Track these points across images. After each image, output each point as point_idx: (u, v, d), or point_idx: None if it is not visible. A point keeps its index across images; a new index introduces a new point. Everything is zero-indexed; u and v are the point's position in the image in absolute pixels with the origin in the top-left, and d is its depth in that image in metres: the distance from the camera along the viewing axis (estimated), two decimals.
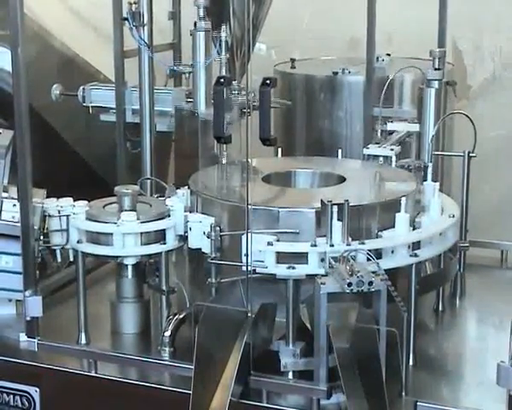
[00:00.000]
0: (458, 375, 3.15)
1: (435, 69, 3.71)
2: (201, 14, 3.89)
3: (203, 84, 3.89)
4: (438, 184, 3.36)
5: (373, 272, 2.77)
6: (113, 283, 3.47)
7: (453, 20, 4.50)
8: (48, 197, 3.42)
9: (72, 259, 3.36)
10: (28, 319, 3.26)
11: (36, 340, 3.26)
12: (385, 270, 2.83)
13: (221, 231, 3.09)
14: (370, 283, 2.72)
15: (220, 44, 3.73)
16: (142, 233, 3.18)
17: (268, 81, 3.35)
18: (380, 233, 3.07)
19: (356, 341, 2.78)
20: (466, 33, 5.23)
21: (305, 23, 5.51)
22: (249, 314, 2.91)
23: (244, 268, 2.92)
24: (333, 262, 2.87)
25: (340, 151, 3.72)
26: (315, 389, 2.84)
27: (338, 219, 2.92)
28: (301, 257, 2.94)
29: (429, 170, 3.46)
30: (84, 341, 3.27)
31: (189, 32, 3.99)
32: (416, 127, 3.78)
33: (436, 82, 3.70)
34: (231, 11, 3.92)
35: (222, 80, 3.43)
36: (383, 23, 4.32)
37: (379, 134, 3.95)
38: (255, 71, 3.04)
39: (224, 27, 3.72)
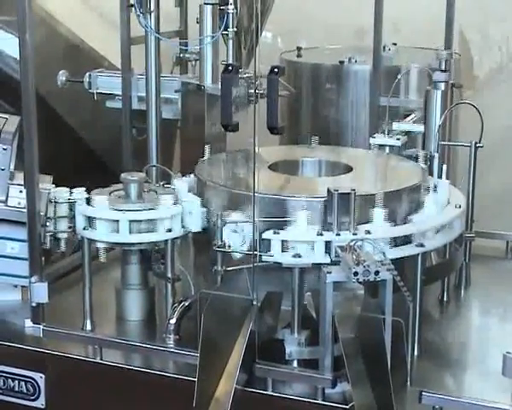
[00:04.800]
0: (463, 365, 3.15)
1: (442, 71, 3.69)
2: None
3: (210, 58, 3.89)
4: (444, 174, 3.35)
5: (379, 262, 2.77)
6: (118, 269, 3.47)
7: (460, 10, 4.48)
8: (53, 183, 3.42)
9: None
10: (34, 305, 3.26)
11: (41, 326, 3.26)
12: (391, 259, 2.83)
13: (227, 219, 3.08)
14: (377, 272, 2.72)
15: (227, 17, 3.72)
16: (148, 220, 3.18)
17: (276, 69, 3.34)
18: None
19: (361, 330, 2.79)
20: (473, 23, 5.22)
21: (311, 11, 5.50)
22: (255, 302, 2.91)
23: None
24: (339, 251, 2.87)
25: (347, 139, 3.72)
26: (320, 377, 2.84)
27: (344, 209, 2.92)
28: (307, 246, 2.94)
29: (436, 159, 3.45)
30: (89, 327, 3.27)
31: (195, 19, 3.99)
32: (421, 128, 3.76)
33: (442, 84, 3.68)
34: None
35: (230, 68, 3.43)
36: (390, 12, 4.31)
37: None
38: (261, 59, 3.04)
39: (231, 1, 3.71)
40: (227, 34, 3.80)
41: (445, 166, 3.35)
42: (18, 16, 3.10)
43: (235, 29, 3.72)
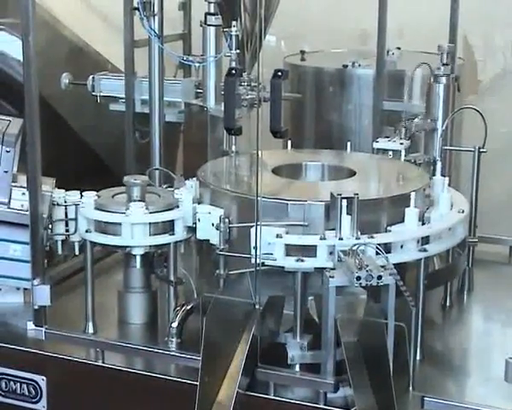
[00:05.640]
0: (465, 370, 3.15)
1: (443, 64, 3.70)
2: (212, 9, 3.89)
3: (213, 80, 3.89)
4: (447, 179, 3.36)
5: (382, 267, 2.78)
6: (120, 273, 3.48)
7: (464, 15, 4.48)
8: (56, 186, 3.43)
9: (77, 252, 3.38)
10: (36, 307, 3.27)
11: (43, 329, 3.27)
12: (394, 264, 2.84)
13: (230, 222, 3.09)
14: (379, 277, 2.72)
15: (231, 39, 3.73)
16: (150, 224, 3.19)
17: (279, 73, 3.35)
18: (389, 228, 3.06)
19: (364, 334, 2.79)
20: (477, 28, 5.22)
21: (315, 15, 5.50)
22: (257, 306, 2.92)
23: (253, 260, 2.92)
24: (342, 256, 2.88)
25: (349, 144, 3.72)
26: (322, 382, 2.85)
27: (347, 213, 2.92)
28: (310, 250, 2.94)
29: (438, 165, 3.45)
30: (91, 330, 3.28)
31: (199, 22, 3.99)
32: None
33: (444, 77, 3.68)
34: (242, 3, 3.92)
35: (233, 71, 3.43)
36: (394, 16, 4.31)
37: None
38: (265, 63, 3.04)
39: (234, 23, 3.72)
40: (230, 56, 3.80)
41: (446, 179, 3.35)
42: (21, 19, 3.11)
43: (238, 51, 3.73)
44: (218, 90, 3.88)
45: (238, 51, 3.71)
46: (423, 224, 3.15)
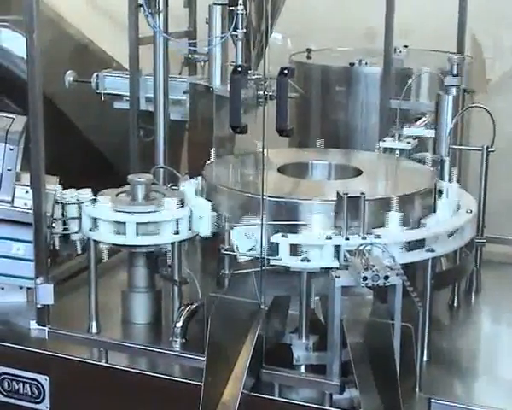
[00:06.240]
0: (473, 372, 3.14)
1: (453, 75, 3.68)
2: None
3: (219, 59, 3.90)
4: (454, 183, 3.35)
5: (388, 267, 2.78)
6: (124, 272, 3.49)
7: (473, 13, 4.48)
8: (60, 184, 3.43)
9: (79, 251, 3.38)
10: (39, 306, 3.27)
11: (46, 328, 3.28)
12: (401, 264, 2.83)
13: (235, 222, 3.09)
14: (386, 277, 2.72)
15: (237, 18, 3.73)
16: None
17: (285, 71, 3.35)
18: None
19: (370, 335, 2.79)
20: (485, 26, 5.21)
21: (322, 12, 5.50)
22: (262, 306, 2.92)
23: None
24: (348, 256, 2.88)
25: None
26: (327, 383, 2.84)
27: (353, 213, 2.92)
28: (316, 250, 2.94)
29: (446, 164, 3.45)
30: (94, 330, 3.28)
31: (204, 20, 4.00)
32: (432, 133, 3.75)
33: (454, 88, 3.67)
34: None
35: (239, 69, 3.43)
36: (402, 14, 4.31)
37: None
38: (270, 61, 3.05)
39: (241, 1, 3.72)
40: (236, 35, 3.81)
41: (455, 171, 3.34)
42: (25, 16, 3.12)
43: (245, 30, 3.73)
44: (223, 71, 3.89)
45: (245, 31, 3.72)
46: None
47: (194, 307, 3.19)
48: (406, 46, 4.56)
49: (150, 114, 4.11)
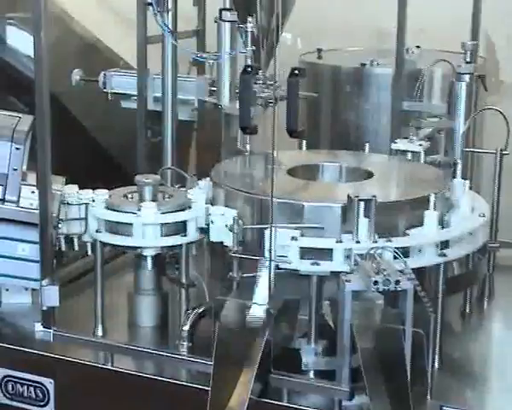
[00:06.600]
0: (485, 379, 3.13)
1: (466, 62, 3.68)
2: (227, 4, 3.88)
3: (228, 77, 3.88)
4: (468, 181, 3.34)
5: (400, 271, 2.77)
6: (130, 274, 3.48)
7: (487, 13, 4.46)
8: (66, 184, 3.43)
9: (89, 252, 3.38)
10: (44, 308, 3.27)
11: (51, 330, 3.28)
12: (412, 269, 2.82)
13: (244, 224, 3.08)
14: (397, 282, 2.71)
15: (246, 36, 3.72)
16: (162, 224, 3.18)
17: (296, 71, 3.34)
18: (407, 231, 3.05)
19: (381, 341, 2.78)
20: (500, 27, 5.19)
21: (332, 12, 5.49)
22: (271, 311, 2.91)
23: (267, 263, 2.91)
24: (358, 259, 2.87)
25: (367, 145, 3.72)
26: (337, 389, 2.84)
27: (365, 216, 2.91)
28: (326, 253, 2.94)
29: (459, 167, 3.44)
30: (100, 333, 3.28)
31: (213, 19, 3.99)
32: (448, 124, 3.73)
33: (467, 76, 3.66)
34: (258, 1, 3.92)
35: (249, 69, 3.42)
36: (414, 13, 4.29)
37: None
38: (280, 61, 3.03)
39: (250, 19, 3.70)
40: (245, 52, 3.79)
41: (467, 181, 3.33)
42: (33, 13, 3.11)
43: (254, 47, 3.70)
44: (232, 88, 3.87)
45: (254, 48, 3.70)
46: (443, 228, 3.13)
47: (201, 310, 3.18)
48: (419, 46, 4.54)
49: (158, 114, 4.11)
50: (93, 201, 3.30)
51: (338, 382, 2.83)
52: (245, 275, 3.08)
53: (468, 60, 3.68)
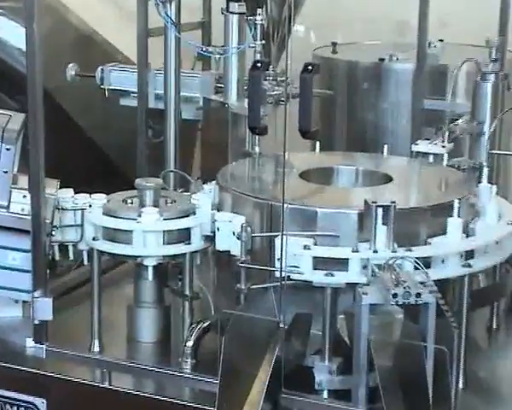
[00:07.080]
0: None
1: (492, 61, 3.68)
2: None
3: (235, 74, 3.90)
4: (495, 186, 3.35)
5: (421, 283, 2.78)
6: (130, 285, 3.50)
7: None
8: (61, 188, 3.45)
9: (86, 261, 3.40)
10: (37, 322, 3.29)
11: (44, 346, 3.30)
12: (434, 281, 2.84)
13: (252, 231, 3.10)
14: (418, 294, 2.72)
15: (255, 29, 3.74)
16: (164, 231, 3.21)
17: (310, 67, 3.36)
18: (429, 240, 3.07)
19: (400, 358, 2.79)
20: None
21: (348, 3, 5.52)
22: (281, 325, 2.93)
23: (277, 273, 2.93)
24: (376, 270, 2.88)
25: (385, 147, 3.73)
26: None
27: (383, 223, 2.93)
28: (341, 263, 2.95)
29: (485, 171, 3.45)
30: (97, 348, 3.30)
31: (220, 9, 4.01)
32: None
33: (492, 75, 3.67)
34: None
35: (258, 64, 3.45)
36: (437, 5, 4.31)
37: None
38: (292, 55, 3.05)
39: (259, 11, 3.72)
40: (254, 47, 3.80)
41: (494, 186, 3.34)
42: (25, 3, 3.13)
43: (263, 42, 3.72)
44: (240, 85, 3.89)
45: (263, 42, 3.72)
46: (467, 236, 3.15)
47: (206, 324, 3.20)
48: (441, 40, 4.56)
49: (160, 113, 4.13)
50: (90, 206, 3.33)
51: (354, 403, 2.85)
52: (253, 286, 3.09)
53: (493, 58, 3.68)
